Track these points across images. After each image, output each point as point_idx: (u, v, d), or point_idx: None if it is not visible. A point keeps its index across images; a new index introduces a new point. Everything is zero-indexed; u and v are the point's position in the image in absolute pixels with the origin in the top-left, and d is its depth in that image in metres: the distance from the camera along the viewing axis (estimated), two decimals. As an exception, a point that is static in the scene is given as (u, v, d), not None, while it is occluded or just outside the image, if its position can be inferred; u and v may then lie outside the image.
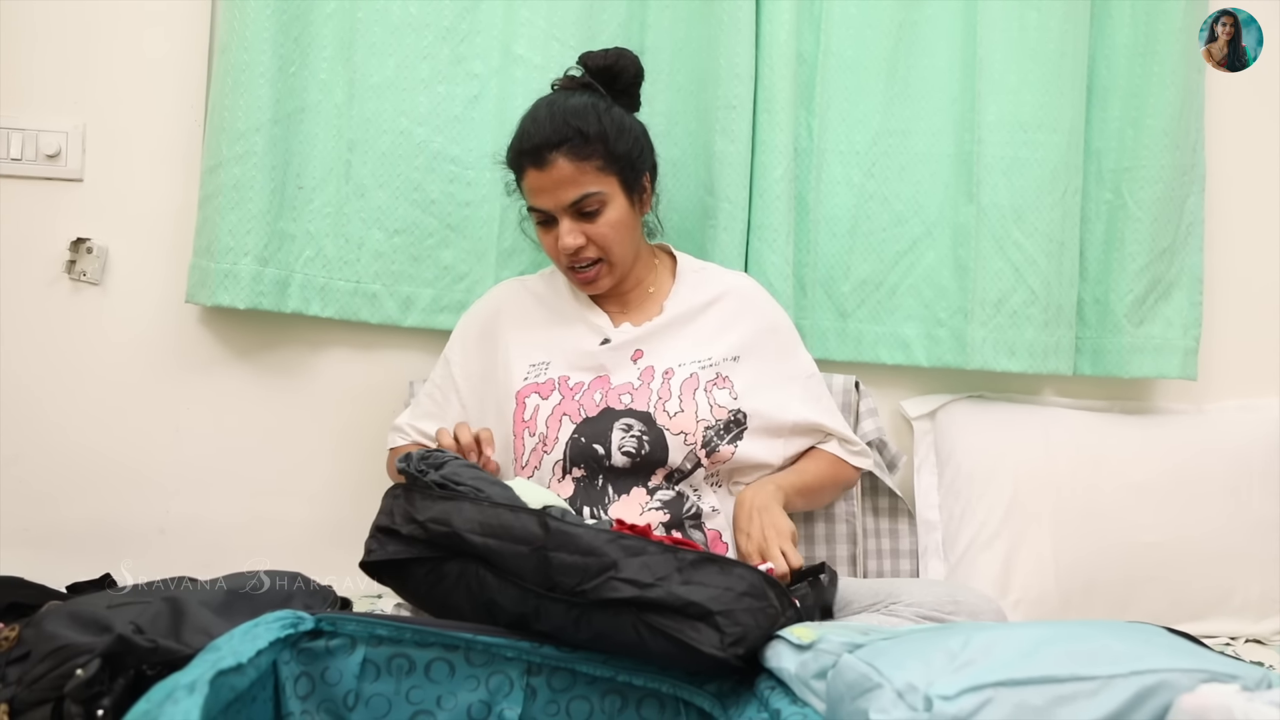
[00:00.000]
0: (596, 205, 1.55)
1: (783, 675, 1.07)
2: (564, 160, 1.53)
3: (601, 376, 1.60)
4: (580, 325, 1.65)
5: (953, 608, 1.40)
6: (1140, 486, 1.94)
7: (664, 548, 1.16)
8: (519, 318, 1.68)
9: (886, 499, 1.94)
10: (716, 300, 1.67)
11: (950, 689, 0.85)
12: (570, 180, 1.54)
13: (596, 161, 1.54)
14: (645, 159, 1.63)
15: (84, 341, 1.88)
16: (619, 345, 1.62)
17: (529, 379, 1.61)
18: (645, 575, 1.12)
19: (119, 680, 1.03)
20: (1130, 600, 1.90)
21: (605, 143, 1.55)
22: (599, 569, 1.13)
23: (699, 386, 1.58)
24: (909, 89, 1.99)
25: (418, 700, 1.14)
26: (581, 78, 1.63)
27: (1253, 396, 2.13)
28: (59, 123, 1.87)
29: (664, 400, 1.56)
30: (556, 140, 1.53)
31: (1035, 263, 1.93)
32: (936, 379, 2.06)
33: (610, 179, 1.56)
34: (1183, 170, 2.01)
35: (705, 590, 1.11)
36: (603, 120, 1.56)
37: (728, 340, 1.64)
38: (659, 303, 1.67)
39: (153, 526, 1.88)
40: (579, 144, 1.53)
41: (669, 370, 1.59)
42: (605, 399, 1.57)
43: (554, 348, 1.63)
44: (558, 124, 1.54)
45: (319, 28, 1.86)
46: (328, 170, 1.86)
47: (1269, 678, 0.89)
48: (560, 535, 1.17)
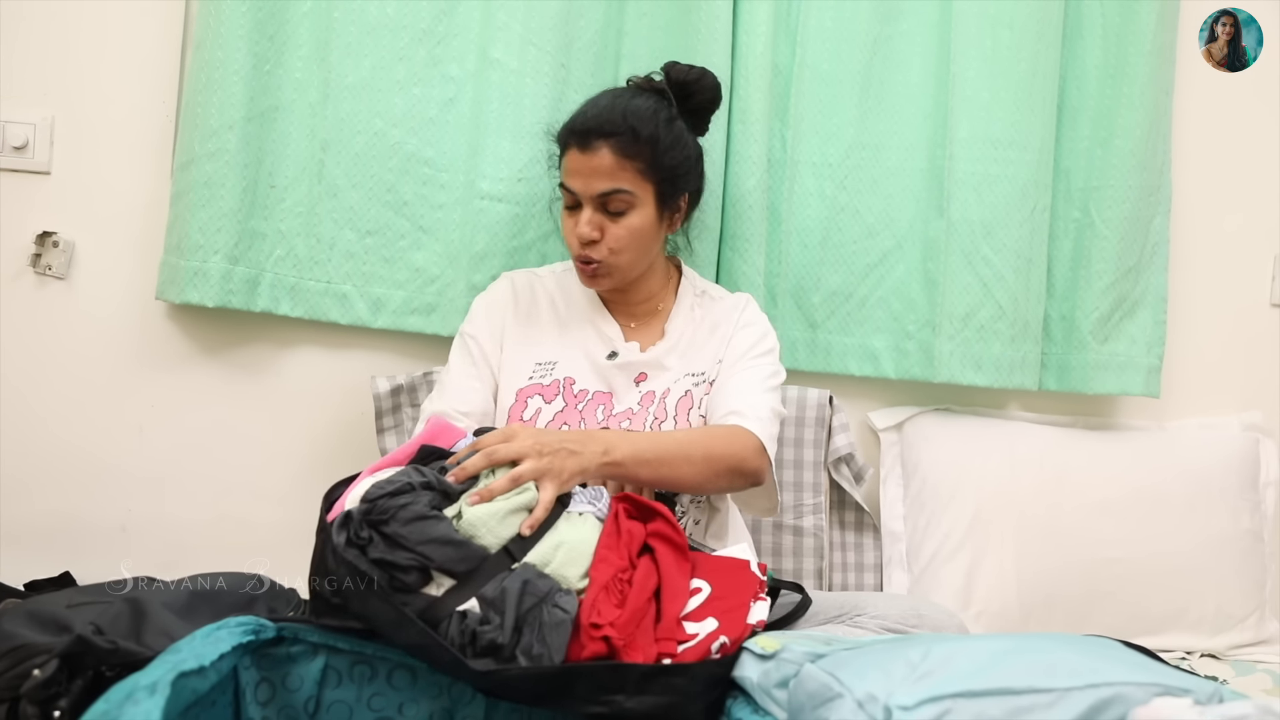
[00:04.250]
0: (623, 205, 1.54)
1: (745, 684, 1.08)
2: (608, 150, 1.53)
3: (606, 393, 1.59)
4: (590, 330, 1.64)
5: (916, 621, 1.40)
6: (1102, 502, 1.96)
7: (613, 667, 1.11)
8: (530, 311, 1.66)
9: (853, 513, 1.96)
10: (714, 328, 1.65)
11: (910, 699, 0.86)
12: (607, 171, 1.53)
13: (639, 163, 1.53)
14: (689, 180, 1.62)
15: (48, 336, 1.86)
16: (625, 364, 1.61)
17: (534, 378, 1.59)
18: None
19: (77, 681, 1.01)
20: (1090, 614, 1.92)
21: (654, 149, 1.54)
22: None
23: (694, 405, 1.57)
24: (882, 103, 2.01)
25: (379, 708, 1.13)
26: (659, 83, 1.63)
27: (1213, 415, 2.16)
28: (27, 114, 1.85)
29: (660, 421, 1.56)
30: (608, 130, 1.53)
31: (1003, 278, 1.95)
32: (904, 391, 2.08)
33: (647, 185, 1.55)
34: (1150, 191, 2.04)
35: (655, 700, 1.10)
36: (660, 127, 1.55)
37: (717, 354, 1.62)
38: (662, 324, 1.66)
39: (115, 524, 1.86)
40: (628, 140, 1.53)
41: (666, 391, 1.59)
42: (606, 420, 1.55)
43: (562, 348, 1.62)
44: (615, 115, 1.54)
45: (295, 26, 1.85)
46: (300, 170, 1.85)
47: (1220, 692, 0.91)
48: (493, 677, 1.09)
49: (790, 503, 1.90)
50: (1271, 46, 2.12)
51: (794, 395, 1.92)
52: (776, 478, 1.86)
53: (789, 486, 1.90)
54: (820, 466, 1.93)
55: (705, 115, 1.69)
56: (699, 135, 1.68)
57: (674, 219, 1.63)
